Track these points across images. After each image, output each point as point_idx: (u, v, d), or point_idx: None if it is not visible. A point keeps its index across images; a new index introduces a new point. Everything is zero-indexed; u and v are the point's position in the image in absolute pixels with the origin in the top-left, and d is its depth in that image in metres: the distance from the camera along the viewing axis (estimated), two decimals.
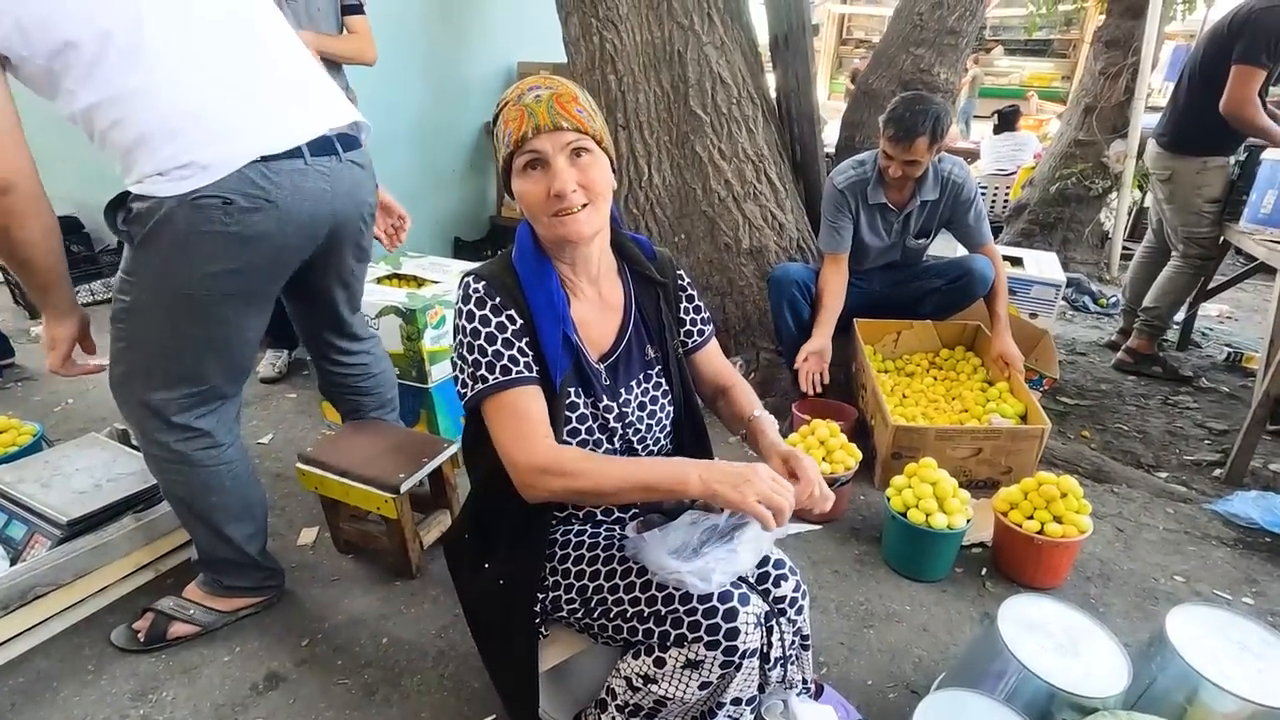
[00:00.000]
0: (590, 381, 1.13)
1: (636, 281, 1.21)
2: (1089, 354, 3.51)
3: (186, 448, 1.43)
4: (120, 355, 1.37)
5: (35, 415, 2.49)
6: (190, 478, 1.46)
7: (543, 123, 0.98)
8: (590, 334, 1.15)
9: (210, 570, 1.61)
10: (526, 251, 1.09)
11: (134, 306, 1.33)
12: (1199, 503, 2.17)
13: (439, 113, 4.01)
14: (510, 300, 1.07)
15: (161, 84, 1.20)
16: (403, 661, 1.55)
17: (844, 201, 2.41)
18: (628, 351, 1.18)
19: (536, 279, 1.08)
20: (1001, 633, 1.22)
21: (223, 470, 1.48)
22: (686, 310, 1.27)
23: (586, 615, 1.13)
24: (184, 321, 1.33)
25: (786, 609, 1.13)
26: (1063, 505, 1.71)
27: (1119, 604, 1.74)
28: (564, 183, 0.99)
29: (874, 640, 1.62)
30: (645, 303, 1.21)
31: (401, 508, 1.69)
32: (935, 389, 2.44)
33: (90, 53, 1.15)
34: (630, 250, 1.20)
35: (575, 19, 2.81)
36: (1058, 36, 10.39)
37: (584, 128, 1.01)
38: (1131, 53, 4.40)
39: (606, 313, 1.17)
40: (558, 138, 0.99)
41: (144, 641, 1.58)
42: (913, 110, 2.15)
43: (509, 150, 1.01)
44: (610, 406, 1.15)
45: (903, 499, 1.77)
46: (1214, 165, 2.82)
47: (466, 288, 1.08)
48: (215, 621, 1.62)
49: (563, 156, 1.00)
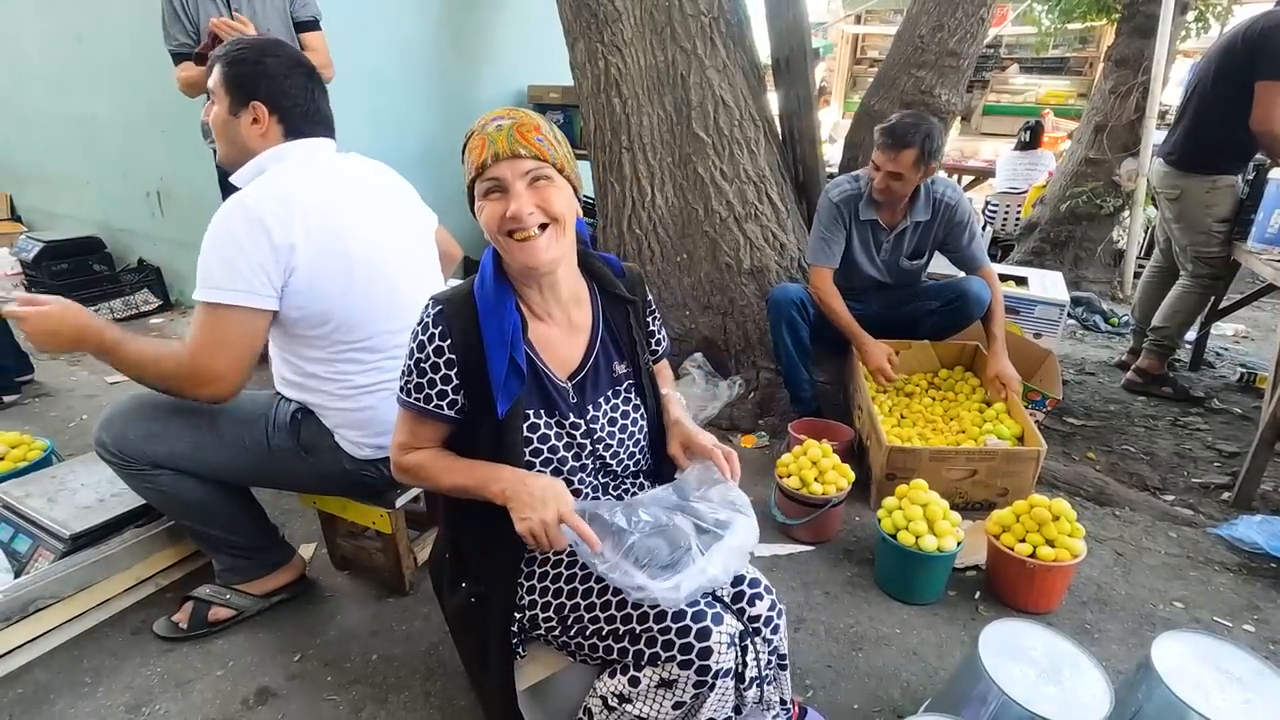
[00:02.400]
0: (554, 401, 1.16)
1: (605, 300, 1.24)
2: (1098, 374, 3.46)
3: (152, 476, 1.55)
4: (180, 431, 1.50)
5: (50, 430, 2.56)
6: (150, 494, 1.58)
7: (501, 150, 1.03)
8: (557, 354, 1.17)
9: (222, 559, 1.69)
10: (487, 280, 1.13)
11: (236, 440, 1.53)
12: (1204, 527, 2.13)
13: (450, 136, 4.08)
14: (457, 329, 1.11)
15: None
16: (391, 679, 1.57)
17: (838, 214, 2.42)
18: (595, 369, 1.20)
19: (490, 308, 1.11)
20: (982, 658, 1.21)
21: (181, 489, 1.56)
22: (651, 329, 1.31)
23: (564, 634, 1.14)
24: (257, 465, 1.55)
25: (762, 628, 1.13)
26: (1055, 529, 1.70)
27: (1114, 630, 1.71)
28: (519, 206, 1.03)
29: (862, 663, 1.60)
30: (615, 320, 1.24)
31: (396, 523, 1.72)
32: (933, 409, 2.43)
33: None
34: (599, 270, 1.23)
35: (581, 44, 2.87)
36: (1073, 54, 10.35)
37: (543, 155, 1.05)
38: (1142, 71, 4.38)
39: (574, 333, 1.20)
40: (516, 165, 1.04)
41: (187, 629, 1.66)
42: (904, 123, 2.18)
43: (471, 176, 1.07)
44: (578, 424, 1.17)
45: (893, 520, 1.76)
46: (1223, 184, 2.79)
47: (425, 309, 1.13)
48: (251, 606, 1.71)
49: (521, 182, 1.04)
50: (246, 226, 1.32)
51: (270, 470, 1.56)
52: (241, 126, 1.44)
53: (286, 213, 1.34)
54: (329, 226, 1.39)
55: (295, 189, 1.38)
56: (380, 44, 3.55)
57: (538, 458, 1.15)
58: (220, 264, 1.33)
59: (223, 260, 1.33)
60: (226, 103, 1.43)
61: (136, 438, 1.50)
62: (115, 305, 3.81)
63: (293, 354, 1.49)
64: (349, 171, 1.53)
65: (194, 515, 1.60)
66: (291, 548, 1.80)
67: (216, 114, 1.46)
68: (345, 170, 1.52)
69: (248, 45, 1.46)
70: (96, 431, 1.53)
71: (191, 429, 1.51)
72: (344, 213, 1.43)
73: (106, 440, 1.51)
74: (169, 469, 1.52)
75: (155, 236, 3.94)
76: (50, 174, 4.41)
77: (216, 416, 1.52)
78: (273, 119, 1.44)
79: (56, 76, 3.95)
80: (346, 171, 1.52)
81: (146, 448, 1.50)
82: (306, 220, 1.36)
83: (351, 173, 1.54)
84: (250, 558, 1.70)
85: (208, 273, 1.34)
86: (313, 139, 1.49)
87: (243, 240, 1.32)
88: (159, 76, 3.47)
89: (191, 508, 1.58)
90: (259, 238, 1.32)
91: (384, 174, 1.64)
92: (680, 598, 0.98)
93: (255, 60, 1.43)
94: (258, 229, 1.32)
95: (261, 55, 1.43)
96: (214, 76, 1.44)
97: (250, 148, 1.45)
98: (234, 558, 1.68)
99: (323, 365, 1.48)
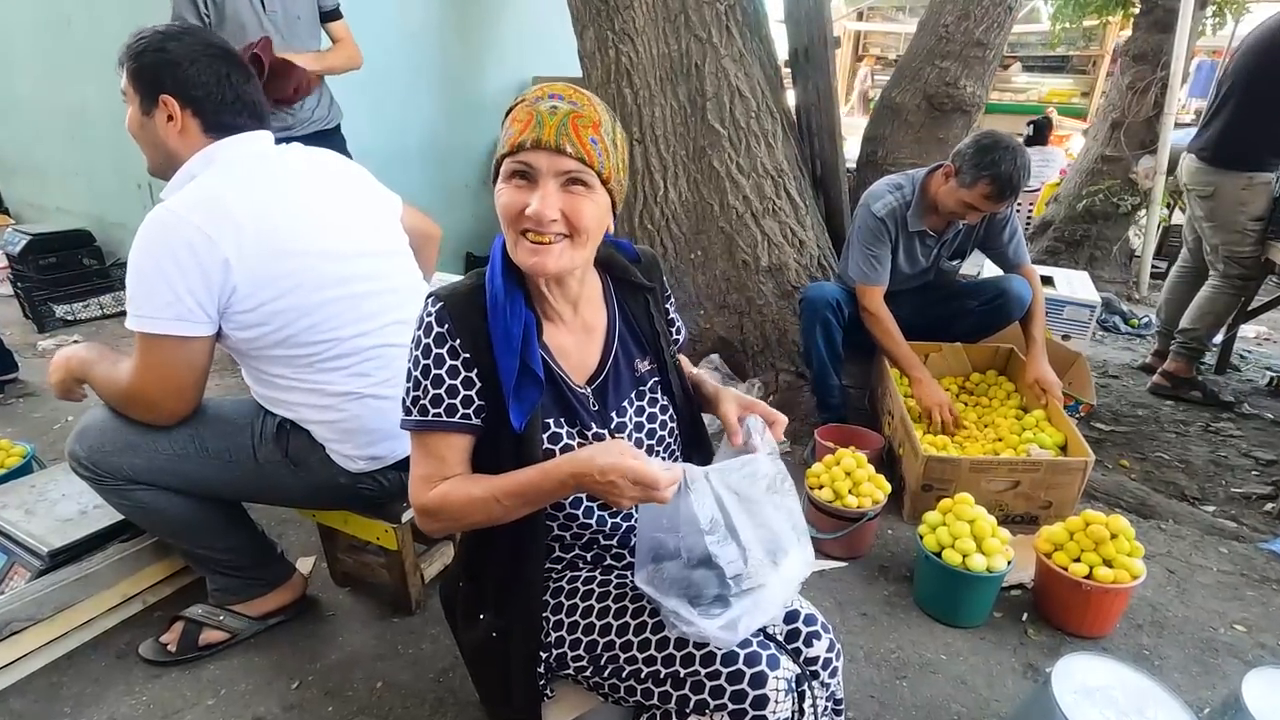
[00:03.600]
0: (574, 409, 1.02)
1: (622, 291, 1.11)
2: (1122, 377, 3.36)
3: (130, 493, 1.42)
4: (160, 442, 1.37)
5: (34, 433, 2.43)
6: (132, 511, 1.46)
7: (546, 138, 0.87)
8: (571, 360, 1.04)
9: (214, 578, 1.57)
10: (497, 273, 0.98)
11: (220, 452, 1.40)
12: (1253, 541, 2.02)
13: (452, 128, 3.97)
14: (464, 327, 0.96)
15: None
16: (398, 709, 1.44)
17: (883, 230, 2.25)
18: (615, 371, 1.07)
19: (499, 306, 0.96)
20: (1057, 698, 1.10)
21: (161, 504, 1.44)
22: (669, 315, 1.18)
23: (596, 674, 1.02)
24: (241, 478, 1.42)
25: (819, 671, 1.01)
26: (1113, 547, 1.58)
27: (1176, 657, 1.60)
28: (542, 209, 0.88)
29: (907, 693, 1.49)
30: (634, 312, 1.10)
31: (402, 539, 1.59)
32: (967, 415, 2.31)
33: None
34: (614, 259, 1.09)
35: (591, 32, 2.74)
36: (1076, 53, 10.27)
37: (590, 160, 0.89)
38: (1160, 67, 4.28)
39: (588, 334, 1.06)
40: (556, 161, 0.88)
41: (175, 652, 1.53)
42: (1015, 164, 2.00)
43: (503, 151, 0.91)
44: (600, 434, 1.04)
45: (936, 538, 1.65)
46: (1260, 181, 2.69)
47: (425, 308, 0.98)
48: (246, 628, 1.59)
49: (554, 181, 0.89)
50: (168, 247, 1.18)
51: (260, 485, 1.43)
52: (158, 127, 1.28)
53: (216, 225, 1.19)
54: (270, 232, 1.24)
55: (226, 194, 1.23)
56: (381, 33, 3.42)
57: None
58: (143, 290, 1.20)
59: (145, 286, 1.20)
60: (137, 102, 1.28)
61: (113, 450, 1.36)
62: (105, 301, 3.67)
63: (260, 370, 1.36)
64: (290, 166, 1.36)
65: (180, 532, 1.47)
66: (290, 564, 1.68)
67: (131, 118, 1.30)
68: (286, 165, 1.36)
69: (148, 34, 1.28)
70: (70, 443, 1.39)
71: (172, 441, 1.37)
72: (287, 214, 1.28)
73: (80, 453, 1.37)
74: (149, 485, 1.38)
75: None
76: (39, 165, 4.27)
77: (200, 427, 1.38)
78: (185, 113, 1.27)
79: (45, 63, 3.81)
80: (287, 166, 1.36)
81: (123, 461, 1.36)
82: (240, 231, 1.21)
83: (293, 167, 1.37)
84: (245, 576, 1.57)
85: (132, 297, 1.21)
86: (243, 134, 1.32)
87: (165, 263, 1.18)
88: None
89: (176, 524, 1.45)
90: (183, 258, 1.17)
91: (331, 162, 1.46)
92: (736, 638, 0.86)
93: (157, 48, 1.26)
94: (182, 249, 1.17)
95: (164, 42, 1.26)
96: (122, 78, 1.29)
97: (174, 151, 1.29)
98: (227, 576, 1.55)
99: (294, 379, 1.34)
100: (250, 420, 1.41)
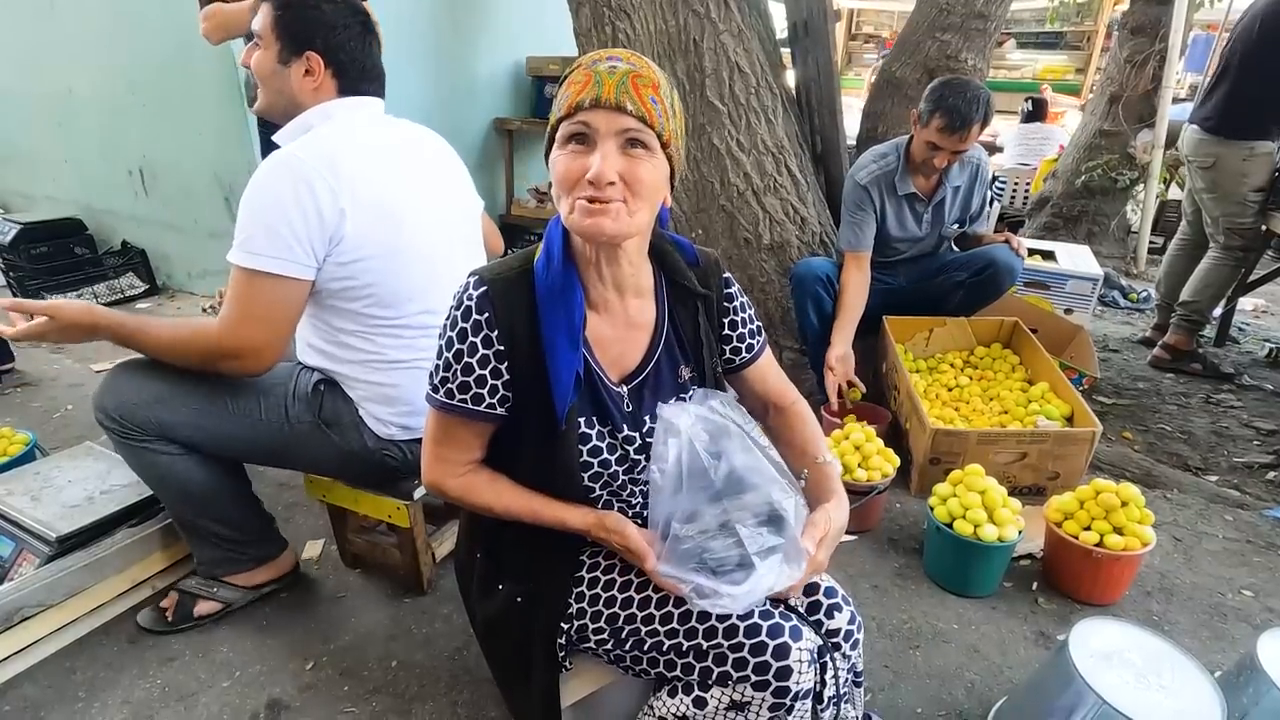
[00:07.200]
0: (607, 409, 1.00)
1: (673, 292, 1.06)
2: (1122, 350, 3.37)
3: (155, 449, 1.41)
4: (191, 397, 1.37)
5: (33, 422, 2.41)
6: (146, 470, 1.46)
7: (606, 96, 0.84)
8: (610, 354, 1.01)
9: (205, 550, 1.57)
10: (554, 257, 0.94)
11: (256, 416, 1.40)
12: (1257, 509, 2.04)
13: (446, 110, 3.90)
14: (506, 318, 0.94)
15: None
16: (414, 687, 1.45)
17: (866, 197, 2.29)
18: (656, 373, 1.04)
19: (556, 294, 0.93)
20: (1075, 662, 1.10)
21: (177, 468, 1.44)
22: (734, 323, 1.12)
23: (617, 646, 1.02)
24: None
25: (841, 643, 1.01)
26: (1123, 515, 1.59)
27: (1185, 622, 1.61)
28: (602, 170, 0.84)
29: (921, 663, 1.50)
30: (682, 317, 1.06)
31: (414, 516, 1.58)
32: (971, 389, 2.32)
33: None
34: (668, 255, 1.05)
35: (587, 9, 2.70)
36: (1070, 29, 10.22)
37: (650, 119, 0.86)
38: (1159, 39, 4.25)
39: (633, 330, 1.02)
40: (615, 119, 0.85)
41: (172, 621, 1.54)
42: (964, 98, 2.04)
43: (559, 115, 0.87)
44: (631, 437, 1.01)
45: (947, 509, 1.65)
46: (1261, 151, 2.69)
47: (465, 288, 0.96)
48: (240, 599, 1.60)
49: (613, 141, 0.85)
50: (294, 189, 1.19)
51: (285, 446, 1.43)
52: (292, 77, 1.30)
53: (336, 177, 1.21)
54: (378, 195, 1.27)
55: (344, 151, 1.25)
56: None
57: (586, 472, 1.00)
58: (262, 228, 1.20)
59: (265, 224, 1.20)
60: (276, 49, 1.29)
61: (143, 402, 1.36)
62: (99, 290, 3.62)
63: (324, 322, 1.36)
64: (399, 136, 1.39)
65: (191, 500, 1.47)
66: (284, 540, 1.68)
67: (261, 60, 1.31)
68: (396, 135, 1.39)
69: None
70: (97, 396, 1.38)
71: (203, 396, 1.37)
72: (393, 182, 1.30)
73: (109, 405, 1.37)
74: (174, 441, 1.38)
75: (139, 218, 3.75)
76: (25, 153, 4.20)
77: (232, 384, 1.38)
78: (328, 73, 1.32)
79: (28, 48, 3.72)
80: (397, 136, 1.39)
81: (152, 414, 1.35)
82: (355, 187, 1.23)
83: (402, 137, 1.40)
84: (241, 551, 1.58)
85: (247, 236, 1.21)
86: (364, 97, 1.36)
87: (288, 204, 1.19)
88: (139, 47, 3.29)
89: (190, 491, 1.44)
90: (307, 202, 1.19)
91: (435, 142, 1.49)
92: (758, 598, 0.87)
93: (312, 5, 1.28)
94: (305, 193, 1.19)
95: (319, 1, 1.28)
96: (262, 18, 1.29)
97: (299, 101, 1.32)
98: (222, 550, 1.56)
99: (356, 337, 1.35)
100: (285, 380, 1.41)
